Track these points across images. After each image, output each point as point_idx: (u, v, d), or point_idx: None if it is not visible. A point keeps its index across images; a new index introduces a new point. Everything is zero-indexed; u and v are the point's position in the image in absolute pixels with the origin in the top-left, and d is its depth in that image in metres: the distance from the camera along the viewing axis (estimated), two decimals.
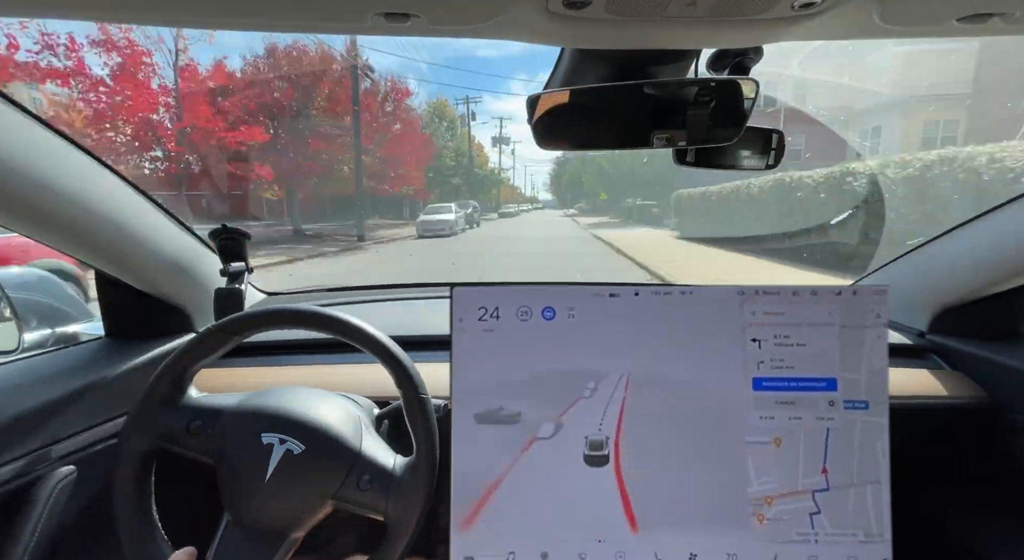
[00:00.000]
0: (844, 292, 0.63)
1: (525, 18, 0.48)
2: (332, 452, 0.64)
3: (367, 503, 0.64)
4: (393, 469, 0.66)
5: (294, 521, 0.63)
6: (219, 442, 0.64)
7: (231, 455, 0.64)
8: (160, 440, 0.64)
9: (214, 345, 0.67)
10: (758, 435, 0.63)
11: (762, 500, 0.62)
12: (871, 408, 0.62)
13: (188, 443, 0.65)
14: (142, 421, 0.64)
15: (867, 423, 0.62)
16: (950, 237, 0.95)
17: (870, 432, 0.62)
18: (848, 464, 0.62)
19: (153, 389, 0.65)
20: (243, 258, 1.02)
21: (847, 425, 0.62)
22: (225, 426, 0.65)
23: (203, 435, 0.65)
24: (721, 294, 0.64)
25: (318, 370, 0.96)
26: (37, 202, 0.67)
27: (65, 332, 1.19)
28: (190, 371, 0.67)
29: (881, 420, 0.62)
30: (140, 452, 0.64)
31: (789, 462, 0.62)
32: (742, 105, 0.65)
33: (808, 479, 0.62)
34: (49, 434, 0.73)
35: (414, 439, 0.66)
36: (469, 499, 0.63)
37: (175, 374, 0.66)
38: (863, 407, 0.62)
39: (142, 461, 0.64)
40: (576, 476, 0.63)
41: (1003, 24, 0.48)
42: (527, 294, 0.65)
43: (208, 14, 0.46)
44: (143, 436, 0.64)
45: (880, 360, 0.63)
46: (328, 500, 0.63)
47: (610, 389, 0.64)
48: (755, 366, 0.63)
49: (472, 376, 0.65)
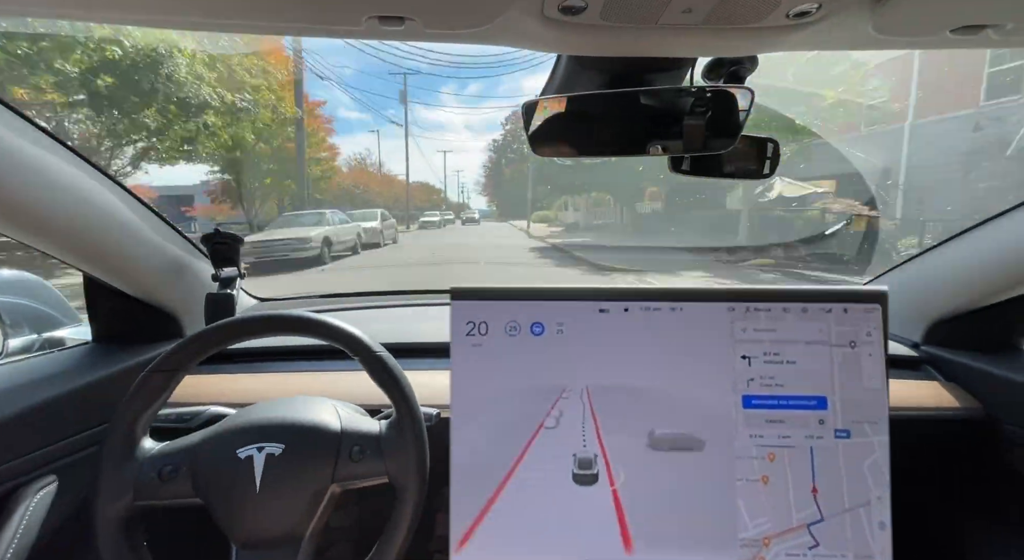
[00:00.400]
0: (835, 310, 0.63)
1: (520, 23, 0.48)
2: (314, 440, 0.63)
3: (367, 471, 0.63)
4: (380, 432, 0.65)
5: (302, 521, 0.62)
6: (197, 477, 0.61)
7: (214, 483, 0.61)
8: (137, 500, 0.60)
9: (157, 388, 0.63)
10: (746, 467, 0.62)
11: (759, 542, 0.60)
12: (852, 435, 0.62)
13: (166, 491, 0.61)
14: (110, 486, 0.60)
15: (850, 445, 0.61)
16: (944, 248, 0.95)
17: (855, 452, 0.61)
18: (837, 489, 0.61)
19: (107, 451, 0.61)
20: (235, 263, 1.01)
21: (832, 449, 0.61)
22: (197, 459, 0.62)
23: (178, 477, 0.61)
24: (710, 310, 0.63)
25: (308, 377, 0.95)
26: (28, 206, 0.66)
27: (51, 337, 1.17)
28: (141, 421, 0.63)
29: (870, 440, 0.61)
30: (118, 520, 0.60)
31: (780, 497, 0.61)
32: (738, 114, 0.65)
33: (801, 513, 0.61)
34: (29, 442, 0.71)
35: (389, 397, 0.65)
36: (466, 517, 0.63)
37: (126, 429, 0.62)
38: (844, 435, 0.62)
39: (123, 528, 0.60)
40: (566, 494, 0.62)
41: (996, 36, 0.48)
42: (518, 309, 0.65)
43: (200, 16, 0.46)
44: (116, 501, 0.60)
45: (874, 378, 0.62)
46: (328, 486, 0.62)
47: (591, 405, 0.63)
48: (745, 384, 0.63)
49: (465, 390, 0.64)
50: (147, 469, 0.61)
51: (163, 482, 0.61)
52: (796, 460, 0.61)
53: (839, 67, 10.18)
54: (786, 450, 0.61)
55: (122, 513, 0.60)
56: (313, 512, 0.62)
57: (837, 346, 0.62)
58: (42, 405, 0.73)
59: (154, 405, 0.64)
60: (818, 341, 0.62)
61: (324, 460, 0.62)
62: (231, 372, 0.96)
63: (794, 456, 0.61)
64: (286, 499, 0.61)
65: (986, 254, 0.86)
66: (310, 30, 0.49)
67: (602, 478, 0.62)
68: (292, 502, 0.61)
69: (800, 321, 0.63)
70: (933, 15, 0.46)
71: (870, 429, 0.61)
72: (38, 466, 0.72)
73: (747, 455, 0.62)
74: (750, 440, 0.62)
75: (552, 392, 0.64)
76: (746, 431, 0.62)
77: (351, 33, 0.49)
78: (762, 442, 0.62)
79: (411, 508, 0.62)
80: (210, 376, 0.94)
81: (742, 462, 0.62)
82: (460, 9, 0.45)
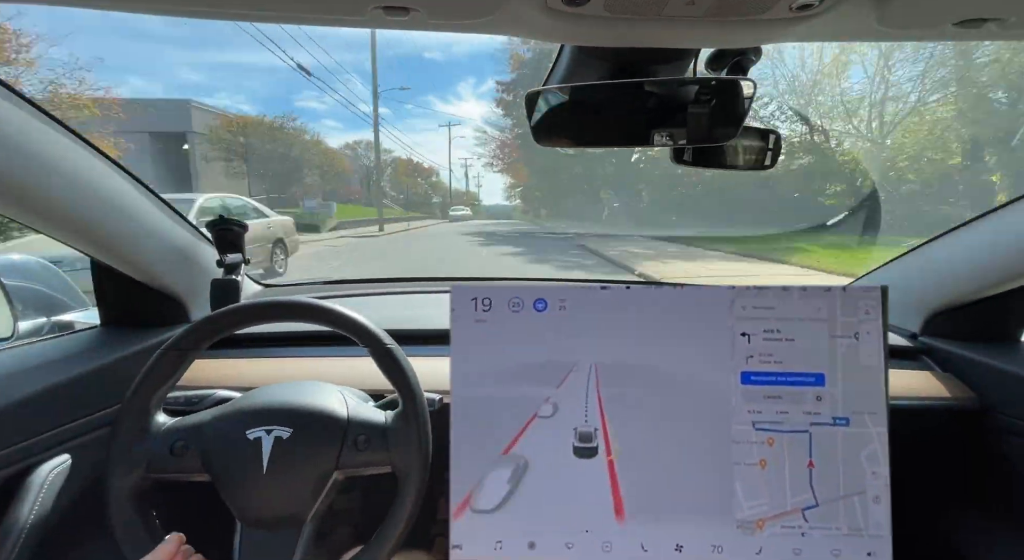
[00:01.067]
0: (834, 290, 0.63)
1: (524, 14, 0.48)
2: (321, 426, 0.65)
3: (370, 461, 0.65)
4: (386, 422, 0.67)
5: (305, 504, 0.63)
6: (207, 454, 0.63)
7: (223, 461, 0.63)
8: (149, 472, 0.62)
9: (171, 365, 0.65)
10: (745, 451, 0.63)
11: (753, 523, 0.62)
12: (852, 424, 0.62)
13: (177, 465, 0.63)
14: (122, 457, 0.62)
15: (849, 434, 0.62)
16: (944, 240, 0.96)
17: (853, 441, 0.62)
18: (834, 475, 0.62)
19: (122, 423, 0.63)
20: (240, 249, 1.02)
21: (831, 436, 0.62)
22: (208, 436, 0.64)
23: (188, 452, 0.63)
24: (712, 290, 0.64)
25: (312, 363, 0.97)
26: (36, 191, 0.67)
27: (60, 320, 1.18)
28: (156, 396, 0.65)
29: (869, 430, 0.62)
30: (130, 491, 0.61)
31: (776, 481, 0.62)
32: (741, 105, 0.65)
33: (797, 498, 0.62)
34: (42, 423, 0.73)
35: (396, 389, 0.67)
36: (463, 489, 0.64)
37: (141, 403, 0.64)
38: (843, 423, 0.62)
39: (135, 499, 0.62)
40: (567, 467, 0.64)
41: (998, 29, 0.48)
42: (520, 289, 0.66)
43: (204, 4, 0.46)
44: (128, 472, 0.61)
45: (872, 357, 0.63)
46: (332, 472, 0.64)
47: (594, 379, 0.65)
48: (743, 360, 0.63)
49: (468, 367, 0.66)
50: (160, 443, 0.63)
51: (174, 457, 0.63)
52: (794, 446, 0.62)
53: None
54: (785, 435, 0.63)
55: (134, 484, 0.62)
56: (316, 496, 0.64)
57: (836, 328, 0.63)
58: (53, 387, 0.75)
59: (168, 381, 0.66)
60: (817, 318, 0.63)
61: (329, 447, 0.64)
62: (236, 356, 0.98)
63: (792, 442, 0.62)
64: (291, 482, 0.63)
65: (985, 246, 0.86)
66: (314, 19, 0.50)
67: (600, 451, 0.64)
68: (297, 485, 0.63)
69: (800, 299, 0.63)
70: (936, 8, 0.46)
71: (870, 420, 0.62)
72: (51, 446, 0.74)
73: (746, 440, 0.63)
74: (748, 416, 0.63)
75: (556, 367, 0.65)
76: (744, 406, 0.63)
77: (356, 23, 0.50)
78: (761, 424, 0.63)
79: (413, 497, 0.63)
80: (216, 360, 0.95)
81: (740, 446, 0.63)
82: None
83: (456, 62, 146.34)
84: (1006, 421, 0.83)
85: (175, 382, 0.67)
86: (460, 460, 0.65)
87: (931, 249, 0.99)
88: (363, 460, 0.64)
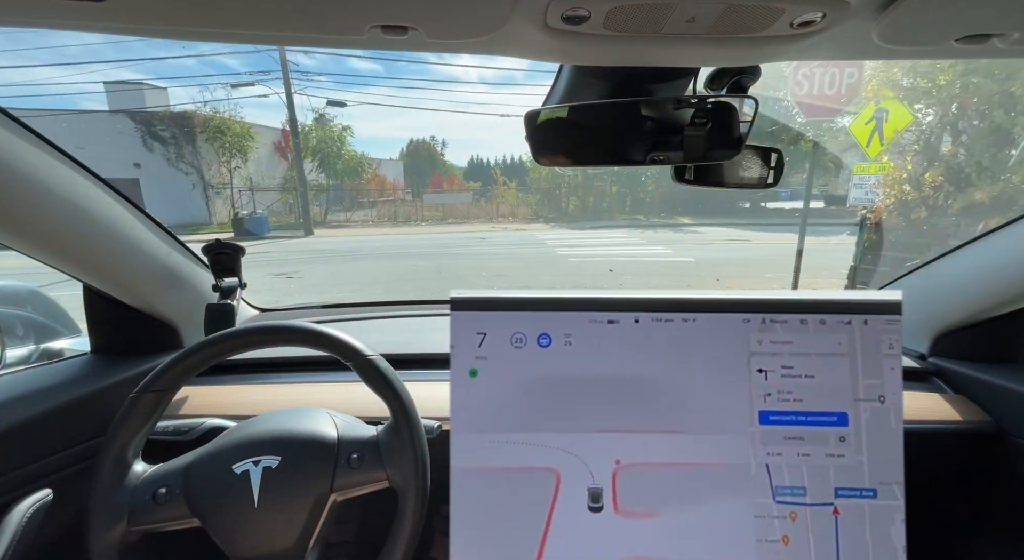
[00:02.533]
0: (855, 321, 0.60)
1: (523, 33, 0.48)
2: (311, 449, 0.62)
3: (366, 478, 0.62)
4: (376, 437, 0.64)
5: (303, 534, 0.60)
6: (193, 497, 0.60)
7: (211, 501, 0.60)
8: (132, 527, 0.58)
9: (147, 410, 0.62)
10: (767, 527, 0.59)
11: None
12: (880, 493, 0.59)
13: (161, 515, 0.59)
14: (103, 513, 0.58)
15: (877, 507, 0.58)
16: (950, 258, 0.94)
17: (882, 516, 0.58)
18: (863, 556, 0.58)
19: (98, 476, 0.60)
20: (236, 273, 1.00)
21: (857, 509, 0.58)
22: (191, 478, 0.61)
23: (173, 499, 0.60)
24: (725, 322, 0.61)
25: (306, 388, 0.94)
26: (27, 214, 0.66)
27: (50, 348, 1.16)
28: (132, 445, 0.62)
29: (896, 503, 0.58)
30: (114, 547, 0.58)
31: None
32: (738, 126, 0.65)
33: None
34: (26, 455, 0.70)
35: (384, 401, 0.64)
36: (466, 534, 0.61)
37: (117, 452, 0.61)
38: (871, 495, 0.59)
39: (120, 554, 0.58)
40: (581, 523, 0.60)
41: (1001, 46, 0.48)
42: (522, 320, 0.62)
43: (204, 26, 0.46)
44: (110, 529, 0.58)
45: (898, 422, 0.59)
46: (328, 495, 0.61)
47: (606, 420, 0.61)
48: (762, 399, 0.60)
49: (467, 403, 0.62)
50: (140, 493, 0.60)
51: (158, 505, 0.59)
52: (818, 521, 0.58)
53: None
54: (808, 509, 0.59)
55: (117, 540, 0.58)
56: (314, 524, 0.61)
57: (859, 390, 0.60)
58: (39, 417, 0.72)
59: (145, 427, 0.62)
60: (837, 353, 0.60)
61: (322, 469, 0.61)
62: (230, 383, 0.96)
63: (816, 516, 0.59)
64: (286, 512, 0.60)
65: (993, 264, 0.85)
66: (312, 39, 0.49)
67: (607, 507, 0.60)
68: (292, 515, 0.60)
69: (819, 333, 0.60)
70: (938, 24, 0.45)
71: (898, 491, 0.58)
72: (34, 479, 0.70)
73: (768, 514, 0.59)
74: (770, 459, 0.59)
75: (560, 418, 0.61)
76: (764, 449, 0.59)
77: (354, 43, 0.49)
78: (783, 497, 0.59)
79: (413, 513, 0.60)
80: (208, 387, 0.93)
81: (762, 521, 0.59)
82: (463, 19, 0.45)
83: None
84: (1022, 444, 0.80)
85: (154, 425, 0.64)
86: (460, 522, 0.60)
87: (937, 267, 0.97)
88: (359, 479, 0.62)
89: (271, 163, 20.37)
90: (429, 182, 33.24)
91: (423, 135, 75.13)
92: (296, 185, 15.99)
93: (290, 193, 17.56)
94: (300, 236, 15.32)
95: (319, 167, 20.23)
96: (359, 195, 22.86)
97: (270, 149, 20.32)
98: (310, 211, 16.70)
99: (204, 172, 17.34)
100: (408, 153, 39.89)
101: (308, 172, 18.59)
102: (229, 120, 17.35)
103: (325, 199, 20.77)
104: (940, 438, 0.86)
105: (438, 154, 41.13)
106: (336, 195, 21.97)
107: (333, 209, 21.66)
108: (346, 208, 22.32)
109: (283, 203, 19.44)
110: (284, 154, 17.18)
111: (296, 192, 16.55)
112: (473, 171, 42.89)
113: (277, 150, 20.27)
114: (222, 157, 17.37)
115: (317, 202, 20.04)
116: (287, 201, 19.20)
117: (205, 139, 16.89)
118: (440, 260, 9.89)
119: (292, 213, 18.53)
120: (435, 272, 8.60)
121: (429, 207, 22.74)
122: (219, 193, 17.97)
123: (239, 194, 18.20)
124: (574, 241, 13.21)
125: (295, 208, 16.50)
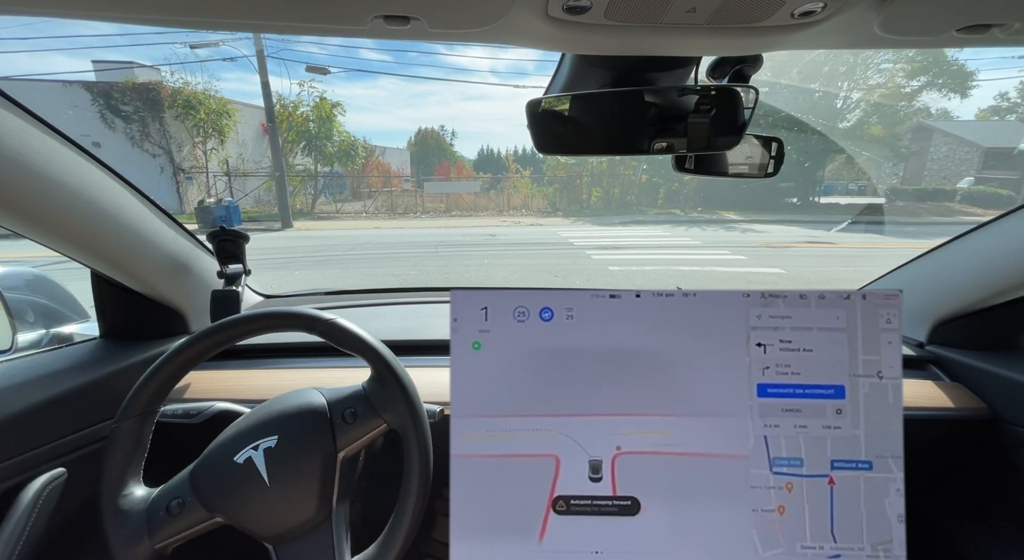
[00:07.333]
0: (853, 296, 0.61)
1: (525, 23, 0.48)
2: (305, 420, 0.64)
3: (365, 429, 0.64)
4: (363, 388, 0.67)
5: (323, 498, 0.62)
6: (206, 497, 0.61)
7: (224, 496, 0.61)
8: (157, 543, 0.59)
9: (132, 435, 0.63)
10: (763, 497, 0.60)
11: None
12: (875, 466, 0.60)
13: (182, 523, 0.61)
14: (122, 540, 0.59)
15: (872, 479, 0.59)
16: (949, 248, 0.95)
17: (877, 487, 0.59)
18: (856, 524, 0.59)
19: (108, 509, 0.61)
20: (240, 260, 1.01)
21: (852, 480, 0.60)
22: (199, 481, 0.63)
23: (187, 506, 0.61)
24: (725, 298, 0.62)
25: (311, 373, 0.96)
26: (36, 202, 0.67)
27: (60, 332, 1.18)
28: (130, 471, 0.63)
29: (891, 475, 0.59)
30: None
31: (796, 529, 0.60)
32: (742, 113, 0.65)
33: (817, 549, 0.59)
34: (39, 436, 0.72)
35: (361, 356, 0.66)
36: (467, 515, 0.63)
37: (116, 482, 0.62)
38: (866, 467, 0.60)
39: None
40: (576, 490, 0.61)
41: (1002, 35, 0.48)
42: (525, 297, 0.64)
43: (205, 14, 0.46)
44: (134, 549, 0.59)
45: (896, 397, 0.60)
46: (335, 455, 0.63)
47: (607, 398, 0.62)
48: (760, 372, 0.61)
49: (469, 381, 0.64)
50: (154, 510, 0.61)
51: (175, 517, 0.61)
52: (814, 492, 0.60)
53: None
54: (805, 480, 0.60)
55: (150, 557, 0.59)
56: (330, 486, 0.63)
57: (858, 366, 0.60)
58: (51, 400, 0.74)
59: (137, 452, 0.64)
60: (836, 327, 0.61)
61: (321, 433, 0.64)
62: (236, 368, 0.97)
63: (812, 487, 0.60)
64: (300, 482, 0.62)
65: (992, 254, 0.85)
66: (314, 29, 0.50)
67: (605, 479, 0.61)
68: (306, 483, 0.62)
69: (818, 307, 0.61)
70: (939, 14, 0.45)
71: (893, 464, 0.59)
72: (48, 459, 0.73)
73: (765, 485, 0.60)
74: (766, 430, 0.60)
75: (568, 382, 0.63)
76: (761, 420, 0.61)
77: (356, 32, 0.50)
78: (779, 469, 0.60)
79: (419, 446, 0.63)
80: (215, 372, 0.95)
81: (759, 491, 0.60)
82: (465, 9, 0.45)
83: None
84: (1019, 432, 0.82)
85: (145, 448, 0.65)
86: (460, 493, 0.63)
87: (936, 257, 0.98)
88: (358, 431, 0.64)
89: (258, 146, 18.19)
90: (435, 170, 30.67)
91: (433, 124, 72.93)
92: (276, 170, 13.48)
93: (274, 179, 14.27)
94: (277, 228, 13.36)
95: (306, 149, 17.21)
96: (360, 184, 20.41)
97: (256, 131, 18.00)
98: (290, 200, 14.52)
99: (174, 154, 15.12)
100: (416, 142, 38.77)
101: (294, 155, 16.86)
102: (202, 94, 15.06)
103: (314, 187, 17.94)
104: (936, 425, 0.87)
105: (447, 144, 39.73)
106: (336, 183, 19.48)
107: (331, 198, 19.17)
108: (345, 198, 19.96)
109: (267, 190, 17.00)
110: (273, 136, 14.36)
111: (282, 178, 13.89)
112: (483, 162, 40.99)
113: (265, 132, 16.38)
114: (195, 137, 15.32)
115: (306, 190, 17.64)
116: (271, 188, 16.29)
117: (174, 116, 14.67)
118: (433, 264, 7.75)
119: (279, 202, 15.33)
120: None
121: (432, 197, 19.99)
122: (192, 178, 15.81)
123: (215, 180, 16.08)
124: (606, 240, 10.66)
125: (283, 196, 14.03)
